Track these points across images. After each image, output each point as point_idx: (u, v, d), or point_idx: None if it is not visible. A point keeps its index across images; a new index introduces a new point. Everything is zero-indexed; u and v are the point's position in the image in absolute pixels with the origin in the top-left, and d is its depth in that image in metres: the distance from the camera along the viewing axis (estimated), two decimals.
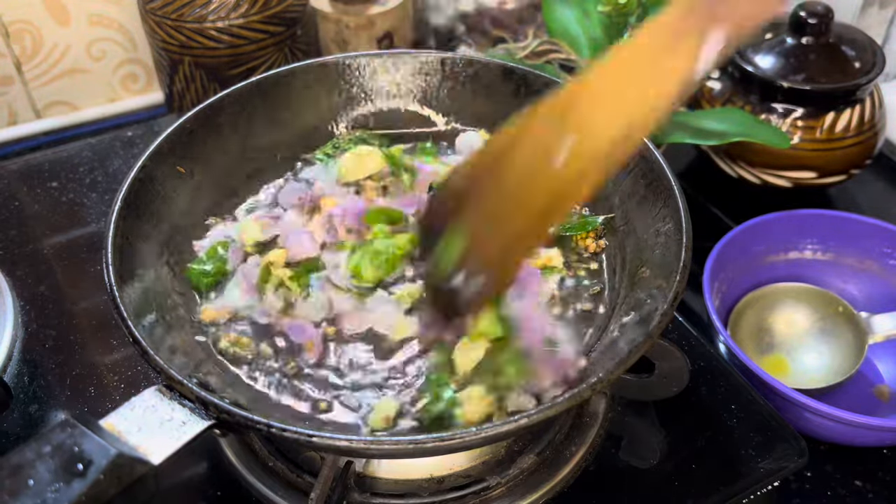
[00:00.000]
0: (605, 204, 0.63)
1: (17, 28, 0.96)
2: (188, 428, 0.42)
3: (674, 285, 0.50)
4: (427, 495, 0.56)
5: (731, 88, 0.88)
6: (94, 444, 0.39)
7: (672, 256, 0.53)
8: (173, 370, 0.45)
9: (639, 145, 0.53)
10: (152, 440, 0.41)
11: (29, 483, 0.37)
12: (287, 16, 0.92)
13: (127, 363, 0.65)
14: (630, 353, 0.46)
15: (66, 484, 0.37)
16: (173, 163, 0.60)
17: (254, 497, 0.56)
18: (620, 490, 0.58)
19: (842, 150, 0.85)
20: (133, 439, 0.41)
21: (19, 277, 0.72)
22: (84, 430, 0.39)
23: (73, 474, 0.37)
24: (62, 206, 0.79)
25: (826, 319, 0.77)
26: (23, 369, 0.65)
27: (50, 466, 0.38)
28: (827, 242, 0.81)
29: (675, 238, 0.53)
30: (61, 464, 0.38)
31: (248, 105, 0.66)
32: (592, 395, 0.45)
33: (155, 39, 0.92)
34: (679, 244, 0.53)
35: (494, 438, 0.44)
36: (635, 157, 0.60)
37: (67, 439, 0.39)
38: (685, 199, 0.56)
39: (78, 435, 0.39)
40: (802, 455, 0.59)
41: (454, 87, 0.70)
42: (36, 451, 0.38)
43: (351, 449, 0.43)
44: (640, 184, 0.60)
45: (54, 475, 0.37)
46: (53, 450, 0.38)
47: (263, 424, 0.42)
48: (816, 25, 0.84)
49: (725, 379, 0.65)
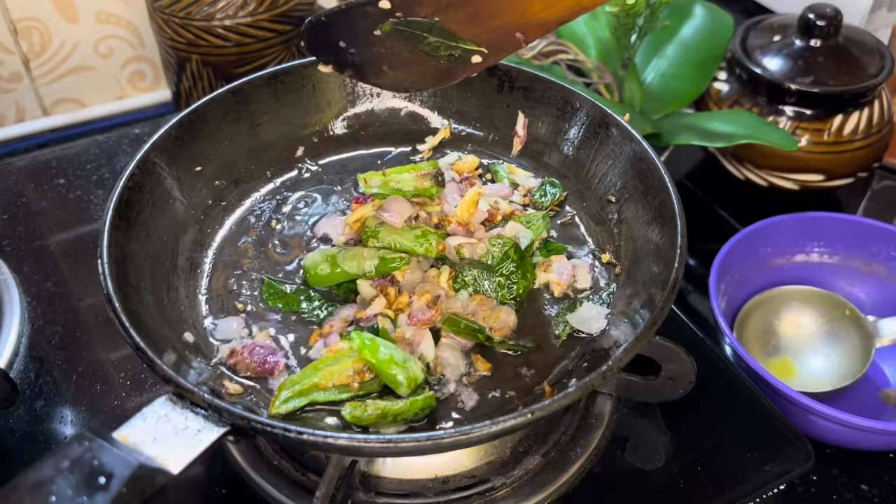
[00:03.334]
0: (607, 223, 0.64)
1: (26, 25, 0.96)
2: (203, 436, 0.42)
3: (675, 260, 0.51)
4: (432, 495, 0.56)
5: (739, 90, 0.88)
6: (113, 457, 0.39)
7: (669, 244, 0.53)
8: (183, 379, 0.44)
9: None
10: (169, 450, 0.41)
11: (51, 500, 0.36)
12: (294, 14, 0.92)
13: (133, 360, 0.65)
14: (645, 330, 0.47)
15: (89, 498, 0.37)
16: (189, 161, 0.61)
17: (259, 496, 0.56)
18: (625, 492, 0.58)
19: (849, 153, 0.85)
20: (149, 450, 0.41)
21: (26, 274, 0.72)
22: (102, 443, 0.39)
23: (95, 488, 0.37)
24: (69, 203, 0.79)
25: (833, 323, 0.76)
26: (29, 365, 0.65)
27: (71, 482, 0.37)
28: (834, 245, 0.80)
29: (669, 226, 0.54)
30: (83, 478, 0.37)
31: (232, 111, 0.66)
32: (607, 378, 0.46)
33: (163, 37, 0.92)
34: (674, 230, 0.54)
35: (509, 430, 0.43)
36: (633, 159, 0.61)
37: (86, 453, 0.38)
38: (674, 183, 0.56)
39: (96, 448, 0.39)
40: (809, 458, 0.59)
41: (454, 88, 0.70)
42: (54, 467, 0.38)
43: (370, 449, 0.43)
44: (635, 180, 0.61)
45: (76, 490, 0.37)
46: (72, 464, 0.38)
47: (280, 429, 0.42)
48: (825, 28, 0.84)
49: (731, 381, 0.64)
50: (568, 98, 0.66)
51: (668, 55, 0.92)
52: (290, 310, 0.57)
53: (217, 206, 0.64)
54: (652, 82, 0.91)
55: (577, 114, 0.66)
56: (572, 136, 0.67)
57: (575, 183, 0.67)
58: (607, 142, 0.64)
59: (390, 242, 0.60)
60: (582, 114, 0.66)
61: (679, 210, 0.55)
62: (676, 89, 0.91)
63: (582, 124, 0.66)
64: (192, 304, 0.57)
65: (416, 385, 0.51)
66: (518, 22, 0.52)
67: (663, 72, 0.92)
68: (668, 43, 0.92)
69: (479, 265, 0.58)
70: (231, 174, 0.66)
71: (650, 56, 0.92)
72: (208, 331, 0.56)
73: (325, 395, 0.51)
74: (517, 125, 0.70)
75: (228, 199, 0.65)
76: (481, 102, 0.70)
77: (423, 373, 0.52)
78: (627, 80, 0.89)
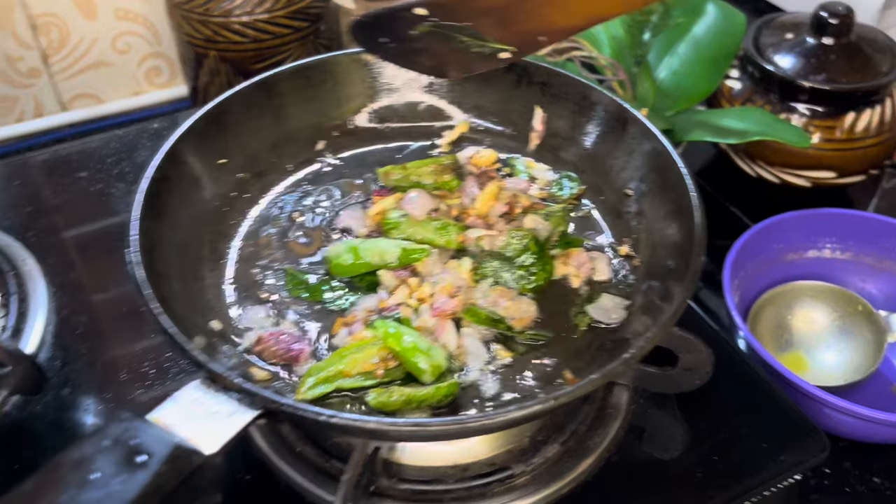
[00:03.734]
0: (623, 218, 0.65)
1: (45, 21, 0.97)
2: (236, 419, 0.43)
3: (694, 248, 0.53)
4: (453, 482, 0.57)
5: (751, 88, 0.89)
6: (151, 437, 0.39)
7: (688, 236, 0.55)
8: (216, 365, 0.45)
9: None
10: (202, 432, 0.42)
11: (92, 477, 0.37)
12: (311, 11, 0.93)
13: (157, 349, 0.66)
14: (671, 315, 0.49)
15: (129, 475, 0.38)
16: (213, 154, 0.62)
17: (282, 481, 0.57)
18: (643, 480, 0.58)
19: (862, 151, 0.85)
20: (183, 432, 0.41)
21: (50, 264, 0.73)
22: (139, 423, 0.40)
23: (135, 466, 0.38)
24: (91, 196, 0.80)
25: (845, 318, 0.77)
26: (55, 354, 0.66)
27: (111, 459, 0.38)
28: (846, 241, 0.81)
29: (688, 218, 0.56)
30: (123, 456, 0.38)
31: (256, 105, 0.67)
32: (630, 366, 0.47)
33: (181, 33, 0.93)
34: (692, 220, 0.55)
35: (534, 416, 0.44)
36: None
37: (124, 433, 0.39)
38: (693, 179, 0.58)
39: (134, 428, 0.40)
40: (824, 449, 0.59)
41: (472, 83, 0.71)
42: (95, 446, 0.39)
43: (398, 433, 0.44)
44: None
45: (117, 467, 0.38)
46: (113, 443, 0.39)
47: (311, 413, 0.42)
48: (837, 26, 0.85)
49: (745, 373, 0.65)
50: (586, 93, 0.67)
51: (680, 53, 0.93)
52: (314, 299, 0.58)
53: (240, 197, 0.65)
54: (664, 80, 0.92)
55: (594, 109, 0.67)
56: (590, 131, 0.68)
57: (592, 177, 0.68)
58: (625, 136, 0.65)
59: (411, 234, 0.61)
60: (600, 109, 0.67)
61: (698, 202, 0.56)
62: (689, 87, 0.91)
63: (600, 119, 0.67)
64: (217, 293, 0.59)
65: (440, 372, 0.52)
66: (541, 29, 0.59)
67: (676, 69, 0.93)
68: (681, 41, 0.93)
69: (499, 257, 0.59)
70: (253, 167, 0.67)
71: (663, 54, 0.93)
72: (234, 319, 0.57)
73: (350, 382, 0.52)
74: (534, 120, 0.70)
75: (251, 191, 0.66)
76: (499, 97, 0.71)
77: (447, 361, 0.53)
78: (641, 77, 0.90)
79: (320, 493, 0.56)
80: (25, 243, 0.74)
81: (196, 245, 0.60)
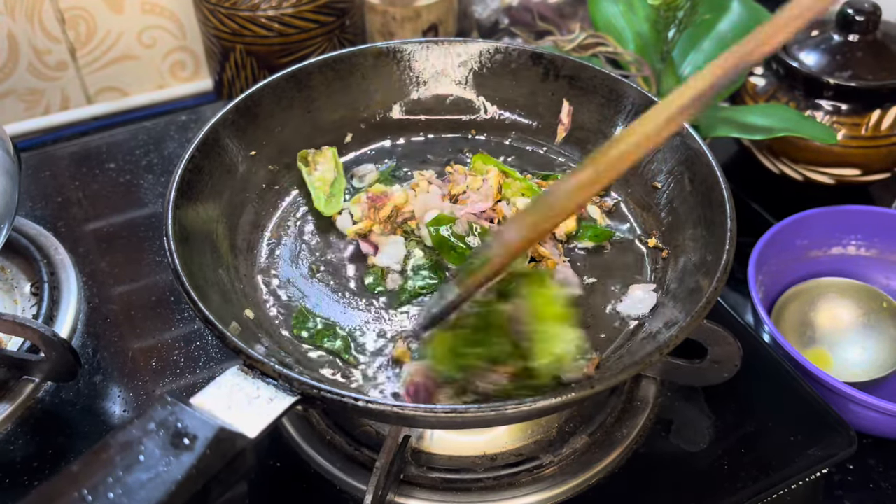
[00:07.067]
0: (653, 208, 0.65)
1: (73, 15, 0.98)
2: (276, 404, 0.44)
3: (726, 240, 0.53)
4: (482, 471, 0.57)
5: (776, 85, 0.89)
6: (196, 420, 0.40)
7: (719, 228, 0.55)
8: (254, 352, 0.46)
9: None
10: (244, 416, 0.43)
11: (140, 458, 0.38)
12: (337, 6, 0.93)
13: (187, 338, 0.67)
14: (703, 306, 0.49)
15: (175, 458, 0.38)
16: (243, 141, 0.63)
17: (312, 469, 0.58)
18: (671, 472, 0.59)
19: (886, 148, 0.85)
20: (225, 416, 0.42)
21: (81, 254, 0.74)
22: (184, 407, 0.41)
23: (181, 448, 0.39)
24: (120, 188, 0.81)
25: (869, 315, 0.77)
26: (87, 341, 0.67)
27: (157, 442, 0.39)
28: (871, 238, 0.81)
29: (719, 210, 0.56)
30: (168, 439, 0.39)
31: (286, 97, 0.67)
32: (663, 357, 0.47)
33: (207, 27, 0.94)
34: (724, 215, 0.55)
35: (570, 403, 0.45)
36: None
37: (169, 416, 0.40)
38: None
39: (179, 411, 0.40)
40: (852, 444, 0.59)
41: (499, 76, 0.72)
42: (142, 428, 0.39)
43: (436, 419, 0.44)
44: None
45: (163, 450, 0.38)
46: (158, 426, 0.40)
47: (350, 398, 0.43)
48: (864, 23, 0.84)
49: (772, 367, 0.65)
50: (613, 87, 0.68)
51: (704, 49, 0.93)
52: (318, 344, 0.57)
53: (271, 189, 0.66)
54: (689, 76, 0.92)
55: (622, 102, 0.67)
56: (617, 124, 0.68)
57: None
58: None
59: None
60: (627, 102, 0.67)
61: (728, 194, 0.56)
62: None
63: (627, 113, 0.67)
64: (251, 282, 0.59)
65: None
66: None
67: (700, 66, 0.93)
68: (706, 37, 0.93)
69: None
70: (283, 159, 0.68)
71: (687, 50, 0.93)
72: (267, 307, 0.58)
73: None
74: (562, 113, 0.71)
75: (281, 182, 0.67)
76: (526, 90, 0.72)
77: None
78: (666, 73, 0.90)
79: (350, 480, 0.57)
80: (56, 233, 0.75)
81: (229, 235, 0.61)
